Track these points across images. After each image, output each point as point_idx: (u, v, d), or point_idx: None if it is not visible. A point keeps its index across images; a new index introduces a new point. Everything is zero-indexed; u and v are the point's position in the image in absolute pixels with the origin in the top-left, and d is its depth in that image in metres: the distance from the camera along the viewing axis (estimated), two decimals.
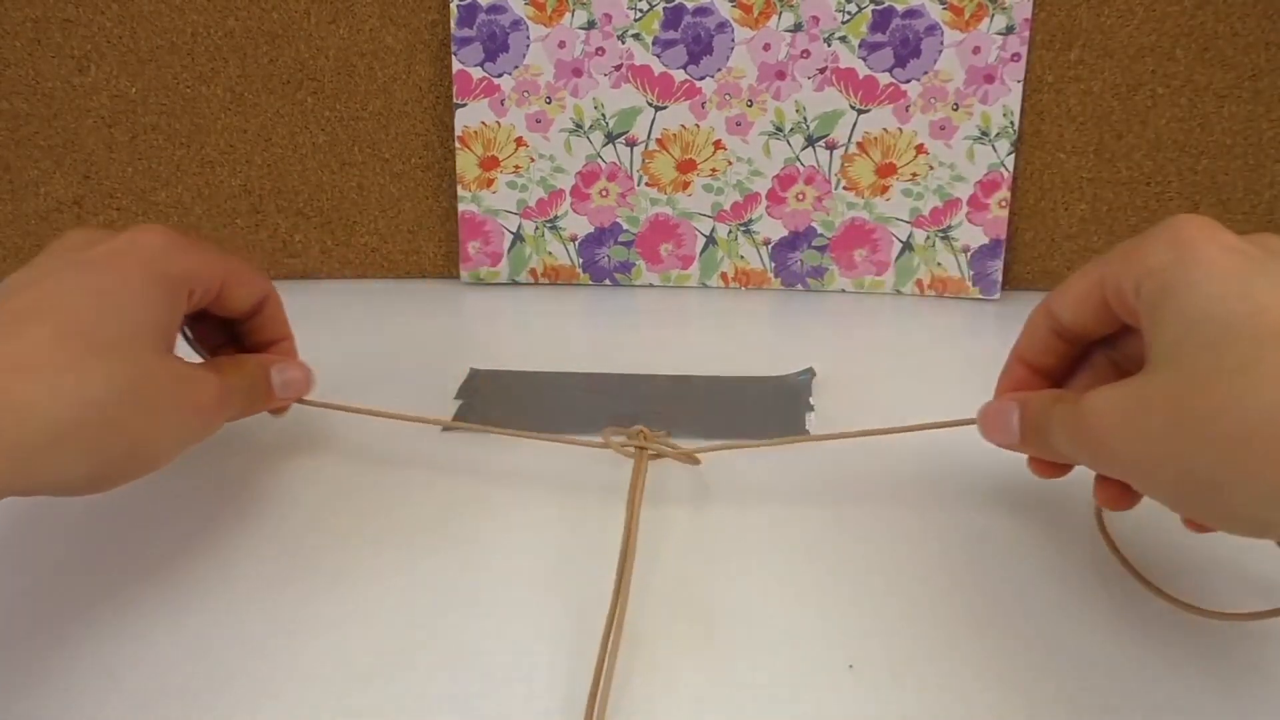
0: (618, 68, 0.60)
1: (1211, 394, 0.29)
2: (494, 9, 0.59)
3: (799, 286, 0.65)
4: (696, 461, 0.43)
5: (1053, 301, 0.37)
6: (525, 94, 0.61)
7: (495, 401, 0.51)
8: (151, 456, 0.36)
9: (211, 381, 0.38)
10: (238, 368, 0.41)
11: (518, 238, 0.64)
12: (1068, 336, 0.37)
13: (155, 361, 0.36)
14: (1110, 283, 0.34)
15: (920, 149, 0.61)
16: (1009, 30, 0.59)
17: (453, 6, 0.59)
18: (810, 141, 0.61)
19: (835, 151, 0.62)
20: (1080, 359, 0.38)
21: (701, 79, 0.60)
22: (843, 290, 0.64)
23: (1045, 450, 0.36)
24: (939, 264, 0.63)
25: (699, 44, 0.60)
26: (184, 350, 0.40)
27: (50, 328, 0.33)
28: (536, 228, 0.64)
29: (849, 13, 0.59)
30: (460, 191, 0.63)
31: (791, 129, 0.61)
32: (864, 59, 0.60)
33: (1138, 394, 0.31)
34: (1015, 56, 0.59)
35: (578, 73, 0.60)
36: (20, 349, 0.33)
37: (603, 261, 0.64)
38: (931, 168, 0.62)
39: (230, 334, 0.44)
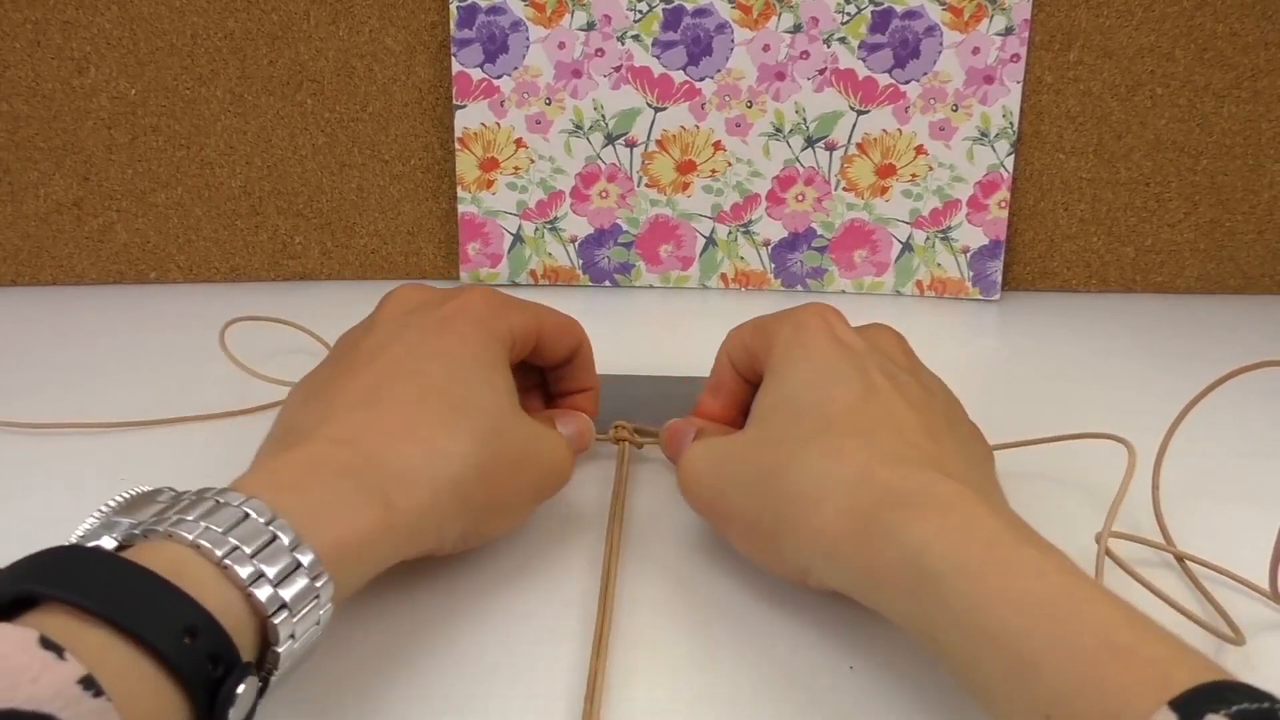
0: (617, 69, 0.60)
1: (779, 455, 0.34)
2: (494, 10, 0.59)
3: (799, 287, 0.65)
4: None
5: (728, 345, 0.42)
6: (525, 95, 0.61)
7: None
8: (515, 511, 0.37)
9: (560, 439, 0.39)
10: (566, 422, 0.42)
11: (517, 239, 0.64)
12: (745, 377, 0.41)
13: (512, 418, 0.36)
14: (750, 351, 0.40)
15: (920, 150, 0.61)
16: (1008, 31, 0.59)
17: (452, 8, 0.59)
18: (810, 142, 0.61)
19: (835, 152, 0.62)
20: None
21: (701, 80, 0.60)
22: (843, 291, 0.64)
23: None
24: (939, 265, 0.63)
25: (699, 45, 0.60)
26: None
27: (413, 390, 0.34)
28: (536, 229, 0.64)
29: (848, 14, 0.59)
30: (460, 193, 0.63)
31: (791, 130, 0.61)
32: (863, 60, 0.60)
33: (726, 447, 0.37)
34: (1014, 57, 0.59)
35: (577, 74, 0.60)
36: (387, 415, 0.34)
37: (602, 263, 0.64)
38: (931, 169, 0.62)
39: (538, 379, 0.44)
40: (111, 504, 0.28)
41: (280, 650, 0.26)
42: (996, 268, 0.63)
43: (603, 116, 0.61)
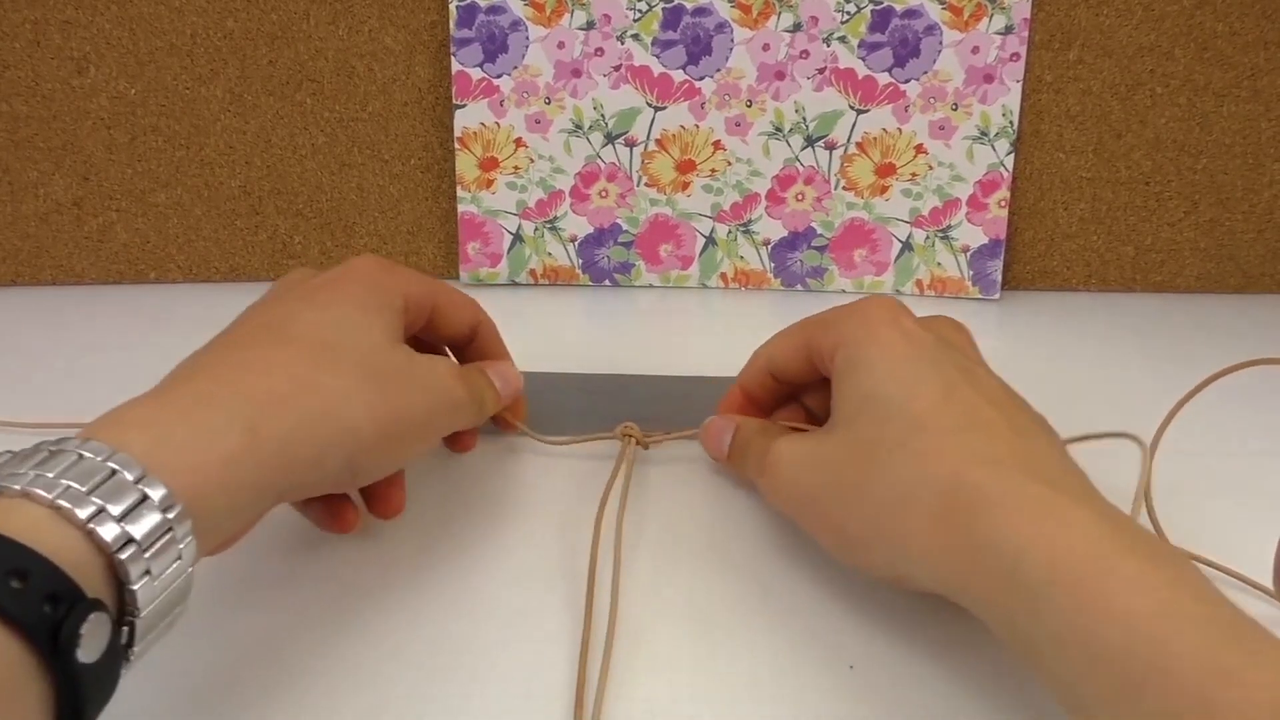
0: (617, 68, 0.60)
1: (869, 460, 0.34)
2: (493, 10, 0.59)
3: (799, 287, 0.65)
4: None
5: (770, 351, 0.42)
6: (524, 95, 0.61)
7: None
8: (408, 439, 0.36)
9: (447, 364, 0.39)
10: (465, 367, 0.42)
11: (517, 238, 0.64)
12: (781, 380, 0.42)
13: (389, 350, 0.36)
14: (814, 346, 0.39)
15: (920, 149, 0.61)
16: (1008, 30, 0.59)
17: (452, 7, 0.59)
18: (810, 142, 0.61)
19: (835, 152, 0.62)
20: (788, 395, 0.44)
21: (701, 79, 0.60)
22: (843, 291, 0.64)
23: (741, 472, 0.42)
24: (939, 264, 0.63)
25: (698, 44, 0.60)
26: None
27: (284, 336, 0.34)
28: (536, 228, 0.64)
29: (848, 13, 0.59)
30: (460, 192, 0.63)
31: (791, 129, 0.61)
32: (863, 59, 0.60)
33: (814, 451, 0.37)
34: (1014, 56, 0.59)
35: (577, 73, 0.60)
36: (254, 357, 0.33)
37: (602, 262, 0.64)
38: (931, 168, 0.61)
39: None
40: None
41: (136, 588, 0.25)
42: (996, 267, 0.63)
43: (602, 116, 0.61)
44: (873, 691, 0.33)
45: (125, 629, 0.26)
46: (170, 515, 0.26)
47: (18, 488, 0.25)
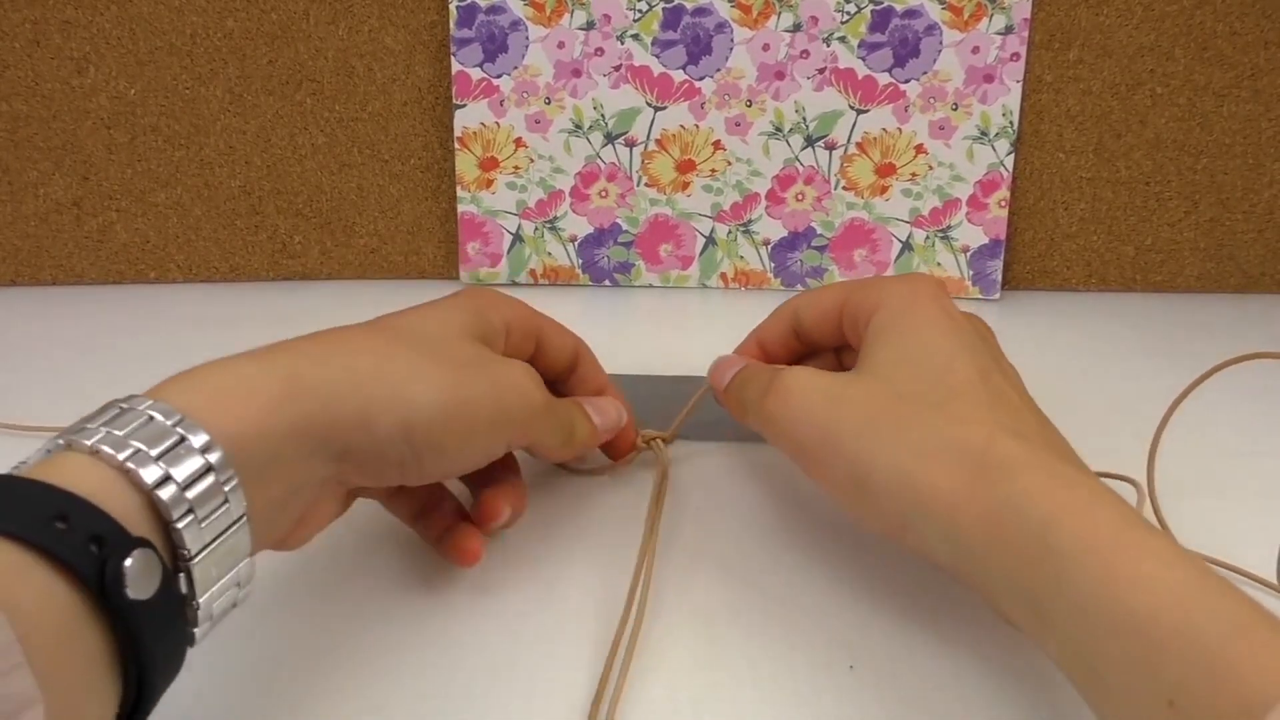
0: (617, 68, 0.60)
1: (905, 411, 0.34)
2: (493, 10, 0.59)
3: (799, 287, 0.65)
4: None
5: (800, 304, 0.42)
6: (524, 95, 0.61)
7: None
8: (474, 429, 0.34)
9: (526, 368, 0.37)
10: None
11: (517, 238, 0.64)
12: (802, 337, 0.42)
13: (468, 342, 0.36)
14: (850, 306, 0.39)
15: (920, 149, 0.61)
16: (1008, 30, 0.59)
17: (452, 7, 0.59)
18: (810, 142, 0.61)
19: (835, 152, 0.62)
20: (802, 357, 0.43)
21: (701, 79, 0.60)
22: None
23: (735, 406, 0.41)
24: (939, 264, 0.63)
25: (698, 44, 0.60)
26: None
27: (364, 328, 0.35)
28: (536, 228, 0.64)
29: (848, 13, 0.59)
30: (460, 192, 0.63)
31: (791, 129, 0.61)
32: (863, 59, 0.60)
33: (839, 388, 0.36)
34: (1014, 56, 0.59)
35: (577, 73, 0.60)
36: (334, 338, 0.33)
37: (602, 262, 0.64)
38: (931, 168, 0.62)
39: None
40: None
41: (180, 526, 0.26)
42: (996, 267, 0.63)
43: (602, 116, 0.61)
44: (873, 691, 0.33)
45: (183, 576, 0.26)
46: (211, 458, 0.27)
47: (62, 441, 0.26)
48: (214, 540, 0.26)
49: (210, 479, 0.26)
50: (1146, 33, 0.59)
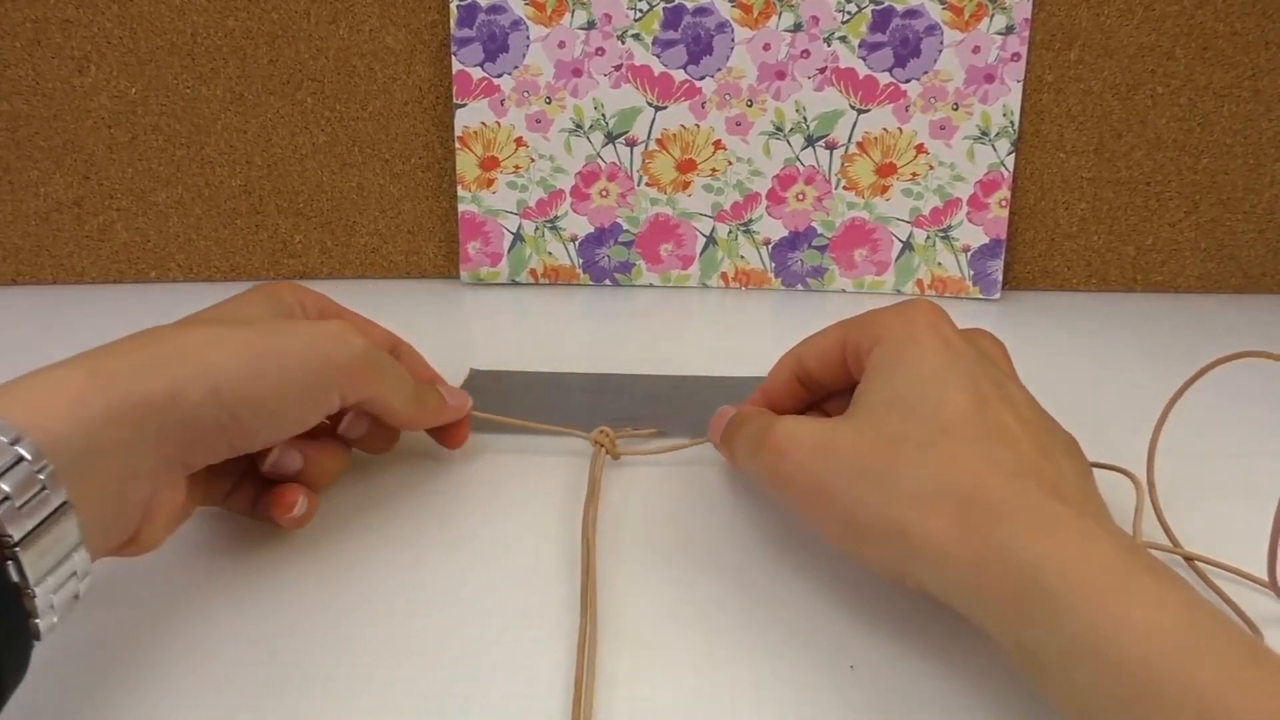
0: (617, 68, 0.60)
1: (894, 454, 0.34)
2: (494, 9, 0.59)
3: (799, 286, 0.65)
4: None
5: (801, 351, 0.41)
6: (525, 94, 0.61)
7: (495, 402, 0.51)
8: (282, 377, 0.35)
9: (344, 324, 0.38)
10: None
11: (518, 238, 0.64)
12: (809, 384, 0.41)
13: (266, 313, 0.38)
14: (850, 343, 0.39)
15: (920, 149, 0.61)
16: (1009, 30, 0.59)
17: (453, 7, 0.59)
18: (810, 141, 0.61)
19: (835, 151, 0.62)
20: (811, 404, 0.43)
21: (701, 79, 0.60)
22: (843, 290, 0.64)
23: (731, 453, 0.41)
24: (939, 264, 0.63)
25: (699, 44, 0.60)
26: None
27: (169, 324, 0.36)
28: (536, 228, 0.64)
29: (849, 13, 0.59)
30: (460, 192, 0.63)
31: (791, 129, 0.61)
32: (864, 59, 0.60)
33: (829, 436, 0.36)
34: (1015, 56, 0.59)
35: (577, 73, 0.60)
36: (136, 334, 0.34)
37: (603, 262, 0.64)
38: (931, 167, 0.62)
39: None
40: None
41: None
42: (997, 267, 0.63)
43: (603, 115, 0.61)
44: (873, 691, 0.33)
45: (11, 565, 0.27)
46: (22, 449, 0.28)
47: None
48: (37, 527, 0.27)
49: (24, 469, 0.27)
50: (1147, 33, 0.59)
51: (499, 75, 0.60)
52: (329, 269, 0.65)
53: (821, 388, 0.42)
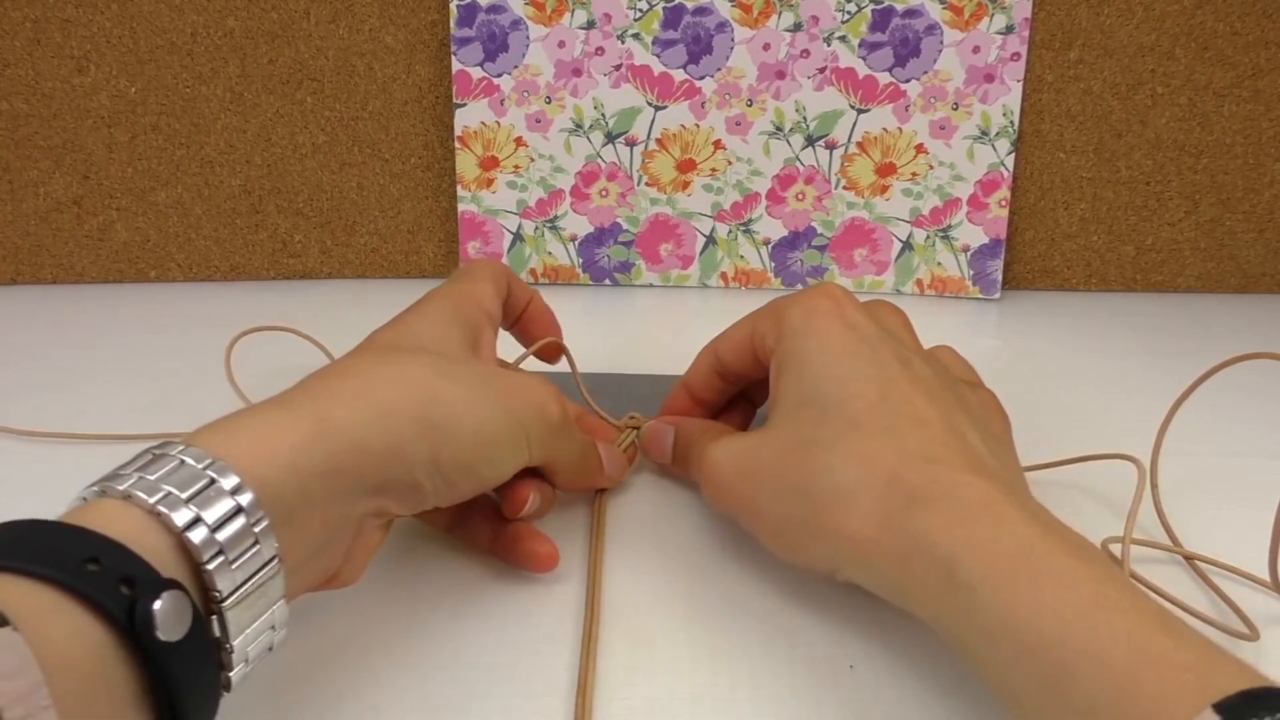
0: (617, 67, 0.60)
1: (807, 459, 0.34)
2: (494, 9, 0.59)
3: (799, 286, 0.65)
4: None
5: (718, 344, 0.42)
6: (525, 94, 0.61)
7: None
8: (496, 443, 0.34)
9: (539, 378, 0.37)
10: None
11: (517, 238, 0.64)
12: (727, 376, 0.42)
13: (466, 353, 0.37)
14: (757, 338, 0.39)
15: (920, 149, 0.61)
16: (1009, 30, 0.59)
17: (452, 6, 0.59)
18: (810, 141, 0.61)
19: (835, 151, 0.62)
20: (736, 394, 0.44)
21: (701, 79, 0.60)
22: None
23: (688, 476, 0.42)
24: (939, 264, 0.63)
25: (699, 44, 0.60)
26: None
27: (376, 353, 0.35)
28: (536, 228, 0.64)
29: (849, 12, 0.59)
30: (460, 191, 0.63)
31: (791, 129, 0.61)
32: (864, 59, 0.60)
33: (754, 450, 0.37)
34: (1015, 56, 0.59)
35: (577, 73, 0.60)
36: (354, 371, 0.33)
37: (603, 261, 0.64)
38: (931, 167, 0.61)
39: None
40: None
41: (211, 568, 0.26)
42: (997, 267, 0.63)
43: (603, 115, 0.61)
44: (873, 691, 0.33)
45: (215, 619, 0.26)
46: (241, 500, 0.27)
47: (97, 488, 0.26)
48: (245, 582, 0.27)
49: (240, 521, 0.27)
50: (1147, 32, 0.59)
51: (499, 75, 0.60)
52: (329, 269, 0.65)
53: (740, 378, 0.42)
